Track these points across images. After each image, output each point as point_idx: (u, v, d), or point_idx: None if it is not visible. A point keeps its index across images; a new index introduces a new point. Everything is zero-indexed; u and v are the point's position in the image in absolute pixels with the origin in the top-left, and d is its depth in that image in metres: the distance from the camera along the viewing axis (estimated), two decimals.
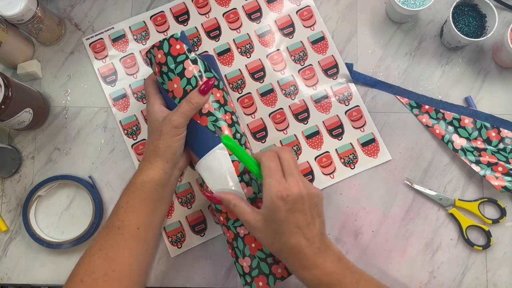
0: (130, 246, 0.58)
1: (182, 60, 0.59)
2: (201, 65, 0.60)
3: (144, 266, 0.61)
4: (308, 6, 0.73)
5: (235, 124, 0.60)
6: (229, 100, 0.62)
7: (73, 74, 0.73)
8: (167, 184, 0.61)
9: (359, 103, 0.70)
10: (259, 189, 0.59)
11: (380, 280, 0.66)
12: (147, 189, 0.59)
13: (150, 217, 0.60)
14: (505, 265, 0.66)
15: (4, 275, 0.68)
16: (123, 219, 0.58)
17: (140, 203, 0.59)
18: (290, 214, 0.50)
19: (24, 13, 0.63)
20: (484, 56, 0.71)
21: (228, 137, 0.52)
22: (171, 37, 0.59)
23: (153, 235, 0.62)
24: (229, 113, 0.60)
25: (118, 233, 0.57)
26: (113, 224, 0.58)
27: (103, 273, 0.56)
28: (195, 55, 0.60)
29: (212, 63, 0.62)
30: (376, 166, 0.69)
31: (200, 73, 0.59)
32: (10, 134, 0.72)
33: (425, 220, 0.67)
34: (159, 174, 0.59)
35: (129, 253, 0.58)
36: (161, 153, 0.58)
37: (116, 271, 0.56)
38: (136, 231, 0.58)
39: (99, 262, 0.56)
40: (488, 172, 0.66)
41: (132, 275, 0.58)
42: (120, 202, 0.59)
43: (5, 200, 0.70)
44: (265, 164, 0.52)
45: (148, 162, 0.59)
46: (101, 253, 0.57)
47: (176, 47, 0.59)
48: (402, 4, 0.66)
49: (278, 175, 0.51)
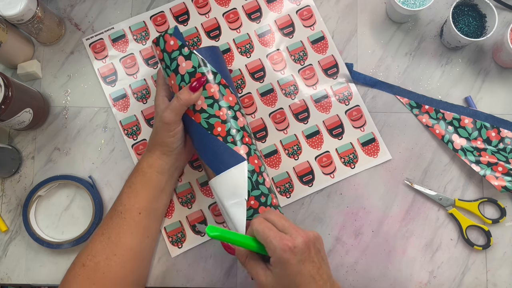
0: (132, 230, 0.59)
1: (175, 56, 0.59)
2: (195, 60, 0.59)
3: (146, 253, 0.62)
4: (308, 6, 0.73)
5: (231, 120, 0.59)
6: (226, 94, 0.60)
7: (73, 74, 0.73)
8: (168, 173, 0.62)
9: (359, 102, 0.70)
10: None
11: (380, 280, 0.66)
12: (147, 174, 0.61)
13: (151, 203, 0.61)
14: (505, 265, 0.66)
15: (4, 275, 0.68)
16: (126, 203, 0.59)
17: (141, 187, 0.60)
18: (301, 265, 0.48)
19: (24, 13, 0.63)
20: (484, 56, 0.71)
21: (212, 227, 0.49)
22: (165, 33, 0.59)
23: (154, 223, 0.63)
24: (224, 108, 0.59)
25: (121, 217, 0.59)
26: (116, 209, 0.60)
27: (104, 257, 0.57)
28: (189, 49, 0.59)
29: (214, 56, 0.61)
30: (376, 166, 0.69)
31: (194, 69, 0.59)
32: (10, 134, 0.72)
33: (425, 220, 0.67)
34: (158, 162, 0.61)
35: (131, 238, 0.59)
36: (158, 146, 0.61)
37: (118, 255, 0.57)
38: (137, 216, 0.59)
39: (101, 246, 0.57)
40: (488, 172, 0.66)
41: (134, 261, 0.59)
42: (123, 188, 0.62)
43: (5, 200, 0.70)
44: (259, 229, 0.49)
45: (149, 151, 0.62)
46: (103, 237, 0.58)
47: (170, 43, 0.59)
48: (402, 4, 0.66)
49: (277, 232, 0.49)
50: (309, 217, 0.68)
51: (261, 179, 0.59)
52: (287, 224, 0.50)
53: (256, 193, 0.58)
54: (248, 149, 0.60)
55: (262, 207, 0.58)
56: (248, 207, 0.57)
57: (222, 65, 0.62)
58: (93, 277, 0.56)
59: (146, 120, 0.71)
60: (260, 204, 0.58)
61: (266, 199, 0.59)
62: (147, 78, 0.72)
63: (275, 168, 0.69)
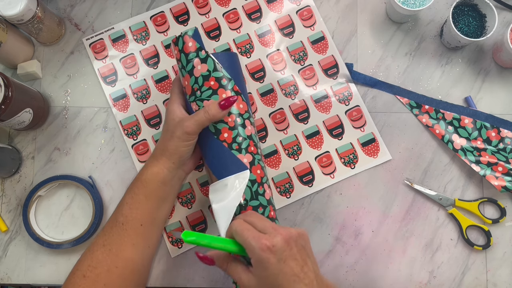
0: (133, 241, 0.58)
1: (192, 58, 0.59)
2: (210, 64, 0.59)
3: (147, 263, 0.61)
4: (308, 6, 0.73)
5: (239, 127, 0.59)
6: (237, 101, 0.60)
7: (73, 74, 0.73)
8: (171, 183, 0.61)
9: (359, 103, 0.70)
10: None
11: (380, 280, 0.66)
12: (151, 186, 0.59)
13: (153, 214, 0.60)
14: (505, 265, 0.66)
15: (4, 275, 0.68)
16: (127, 214, 0.58)
17: (144, 199, 0.59)
18: (282, 263, 0.47)
19: (24, 13, 0.63)
20: (484, 56, 0.71)
21: (188, 232, 0.49)
22: (185, 34, 0.59)
23: (156, 232, 0.62)
24: (233, 115, 0.59)
25: (122, 229, 0.58)
26: (117, 219, 0.59)
27: (106, 268, 0.56)
28: (206, 53, 0.59)
29: (231, 61, 0.61)
30: (376, 166, 0.69)
31: (208, 72, 0.59)
32: (10, 134, 0.72)
33: (425, 220, 0.68)
34: (163, 172, 0.59)
35: (132, 249, 0.58)
36: (169, 154, 0.59)
37: (119, 267, 0.56)
38: (139, 228, 0.59)
39: (102, 258, 0.56)
40: (488, 172, 0.66)
41: (135, 272, 0.59)
42: (125, 198, 0.60)
43: (5, 200, 0.70)
44: (238, 230, 0.49)
45: (155, 159, 0.60)
46: (104, 248, 0.57)
47: (188, 44, 0.59)
48: (402, 4, 0.66)
49: (255, 232, 0.48)
50: (309, 217, 0.68)
51: (261, 189, 0.58)
52: (268, 224, 0.49)
53: (255, 203, 0.57)
54: (252, 158, 0.59)
55: None
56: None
57: (237, 71, 0.62)
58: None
59: (146, 120, 0.71)
60: None
61: (264, 211, 0.58)
62: (147, 78, 0.72)
63: (275, 168, 0.69)
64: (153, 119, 0.71)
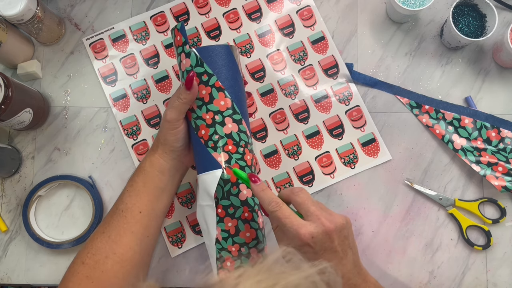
0: (132, 229, 0.59)
1: (180, 52, 0.59)
2: (193, 59, 0.58)
3: (146, 253, 0.62)
4: (308, 6, 0.73)
5: (216, 125, 0.58)
6: (218, 98, 0.58)
7: (73, 74, 0.73)
8: (168, 173, 0.62)
9: (359, 103, 0.70)
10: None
11: (380, 280, 0.66)
12: (149, 173, 0.61)
13: (152, 203, 0.61)
14: (505, 265, 0.66)
15: (4, 275, 0.68)
16: (127, 201, 0.60)
17: (142, 186, 0.61)
18: (320, 255, 0.46)
19: (24, 13, 0.63)
20: (484, 56, 0.71)
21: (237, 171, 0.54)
22: (175, 28, 0.60)
23: (155, 224, 0.63)
24: (211, 112, 0.58)
25: (121, 216, 0.59)
26: (117, 207, 0.60)
27: (104, 255, 0.57)
28: (190, 48, 0.58)
29: (217, 56, 0.59)
30: (376, 166, 0.69)
31: (191, 67, 0.58)
32: (10, 134, 0.72)
33: (425, 220, 0.67)
34: (159, 161, 0.61)
35: (131, 236, 0.59)
36: (161, 144, 0.61)
37: (117, 253, 0.57)
38: (138, 215, 0.60)
39: (101, 245, 0.58)
40: (488, 172, 0.66)
41: (134, 260, 0.59)
42: (126, 186, 0.62)
43: (5, 200, 0.70)
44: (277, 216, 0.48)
45: (152, 150, 0.62)
46: (104, 235, 0.58)
47: (177, 38, 0.59)
48: (402, 4, 0.66)
49: (294, 219, 0.47)
50: None
51: (235, 190, 0.57)
52: (313, 209, 0.48)
53: (225, 203, 0.57)
54: (228, 157, 0.58)
55: (228, 218, 0.57)
56: (216, 213, 0.57)
57: (225, 66, 0.59)
58: (92, 275, 0.57)
59: (146, 120, 0.71)
60: (226, 214, 0.57)
61: (235, 211, 0.57)
62: (147, 78, 0.72)
63: (275, 168, 0.69)
64: (153, 119, 0.71)
